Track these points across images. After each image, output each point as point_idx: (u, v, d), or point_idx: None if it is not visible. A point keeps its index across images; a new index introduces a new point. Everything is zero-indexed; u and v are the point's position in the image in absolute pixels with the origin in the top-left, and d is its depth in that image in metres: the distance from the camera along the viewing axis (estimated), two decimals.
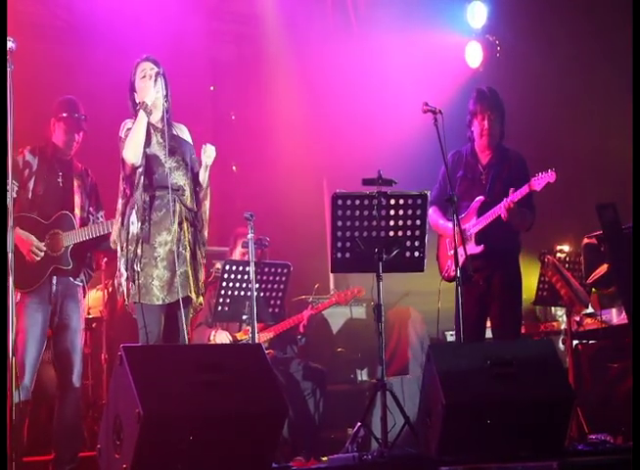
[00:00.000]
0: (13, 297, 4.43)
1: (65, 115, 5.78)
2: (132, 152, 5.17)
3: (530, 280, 7.39)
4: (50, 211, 5.67)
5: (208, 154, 5.33)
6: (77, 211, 5.74)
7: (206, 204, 5.43)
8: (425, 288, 6.46)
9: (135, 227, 5.15)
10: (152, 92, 5.26)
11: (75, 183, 5.78)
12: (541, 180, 5.98)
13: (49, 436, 5.73)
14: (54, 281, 5.59)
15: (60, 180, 5.75)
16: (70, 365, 5.58)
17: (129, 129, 5.23)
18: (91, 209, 5.84)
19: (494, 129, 6.27)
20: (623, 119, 7.62)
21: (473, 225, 6.16)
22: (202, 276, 5.36)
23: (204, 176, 5.37)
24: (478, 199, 6.21)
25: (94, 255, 5.96)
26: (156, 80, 5.25)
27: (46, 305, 5.56)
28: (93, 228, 5.66)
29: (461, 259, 5.70)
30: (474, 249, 6.05)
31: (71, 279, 5.68)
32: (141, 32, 7.96)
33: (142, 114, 5.20)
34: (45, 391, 6.20)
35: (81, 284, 5.75)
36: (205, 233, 5.42)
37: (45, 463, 5.70)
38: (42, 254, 5.54)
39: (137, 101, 5.32)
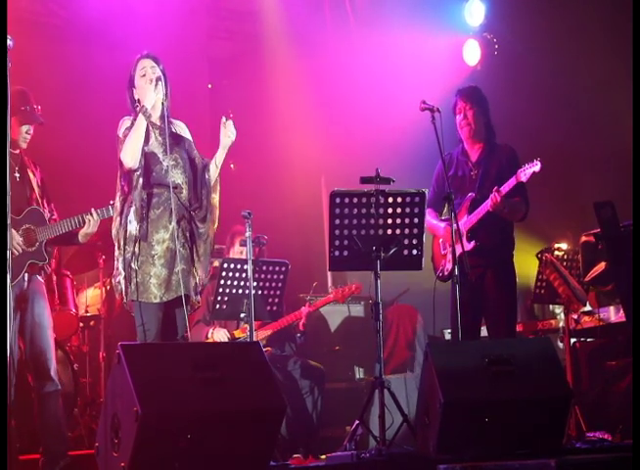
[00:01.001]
0: (11, 296, 4.41)
1: (27, 107, 5.63)
2: (130, 156, 5.15)
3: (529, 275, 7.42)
4: (15, 206, 5.51)
5: (229, 132, 5.31)
6: (39, 205, 5.66)
7: (216, 197, 5.40)
8: (423, 286, 6.46)
9: (133, 226, 5.15)
10: (151, 96, 5.23)
11: (31, 177, 5.69)
12: (527, 171, 5.99)
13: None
14: (25, 278, 5.51)
15: (17, 175, 5.60)
16: (47, 364, 5.50)
17: (127, 129, 5.21)
18: (45, 202, 5.74)
19: (473, 120, 6.26)
20: (622, 117, 7.64)
21: (464, 223, 6.16)
22: (201, 273, 5.33)
23: (219, 160, 5.35)
24: (468, 196, 6.22)
25: (53, 250, 5.85)
26: (156, 85, 5.23)
27: (18, 303, 5.43)
28: (67, 222, 5.58)
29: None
30: (465, 246, 6.05)
31: (37, 276, 5.60)
32: (138, 30, 7.95)
33: (141, 118, 5.18)
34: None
35: (43, 281, 5.66)
36: (212, 225, 5.37)
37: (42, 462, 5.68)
38: (21, 249, 5.47)
39: (135, 97, 5.32)
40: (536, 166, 5.96)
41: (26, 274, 5.50)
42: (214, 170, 5.39)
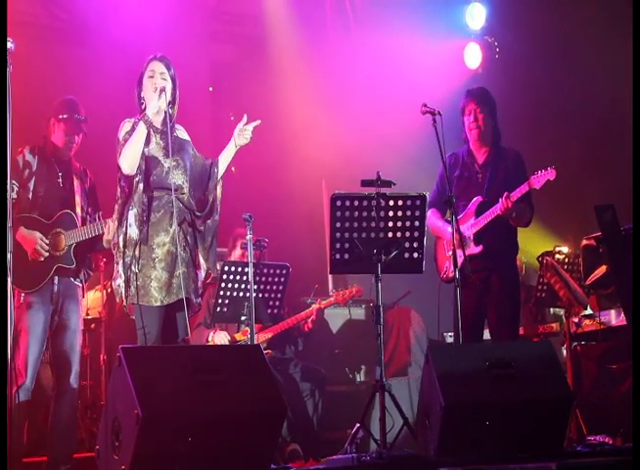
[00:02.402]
0: (11, 297, 4.42)
1: (65, 115, 5.74)
2: (127, 163, 5.15)
3: None
4: (51, 211, 5.65)
5: (247, 135, 5.33)
6: (78, 211, 5.72)
7: (218, 192, 5.42)
8: (424, 289, 6.46)
9: (133, 229, 5.15)
10: (154, 104, 5.23)
11: (75, 183, 5.77)
12: (541, 178, 5.98)
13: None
14: (55, 281, 5.57)
15: (60, 180, 5.72)
16: (69, 366, 5.57)
17: (127, 133, 5.21)
18: (90, 209, 5.82)
19: (482, 122, 6.26)
20: (623, 120, 7.63)
21: (471, 226, 6.15)
22: (210, 265, 5.34)
23: (226, 158, 5.38)
24: (475, 199, 6.20)
25: (93, 255, 5.95)
26: (160, 95, 5.23)
27: (48, 306, 5.54)
28: (94, 226, 5.64)
29: (459, 261, 5.70)
30: (472, 249, 6.05)
31: (72, 279, 5.67)
32: (140, 33, 7.95)
33: (142, 126, 5.18)
34: (44, 392, 6.19)
35: (81, 284, 5.75)
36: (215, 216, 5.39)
37: (45, 464, 5.70)
38: (47, 253, 5.53)
39: (142, 95, 5.33)
40: (551, 175, 5.95)
41: (56, 277, 5.57)
42: (224, 165, 5.41)
